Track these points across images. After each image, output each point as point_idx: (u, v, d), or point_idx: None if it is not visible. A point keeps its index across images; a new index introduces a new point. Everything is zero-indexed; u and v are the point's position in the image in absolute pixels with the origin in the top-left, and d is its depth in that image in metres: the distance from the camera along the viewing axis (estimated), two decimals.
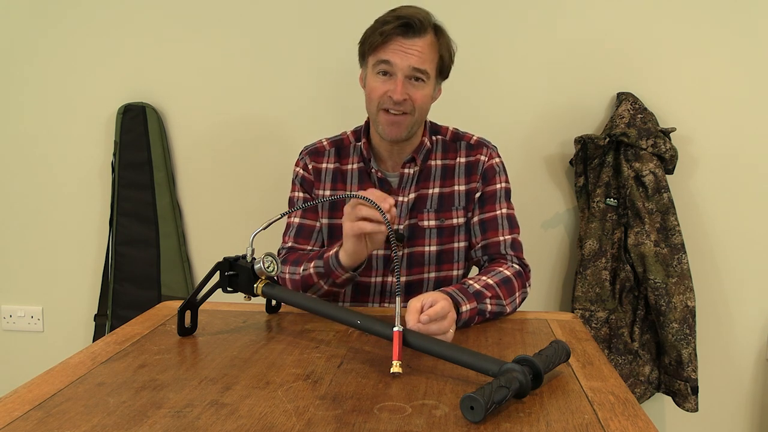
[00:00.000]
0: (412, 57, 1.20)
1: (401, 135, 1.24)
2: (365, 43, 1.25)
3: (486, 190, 1.32)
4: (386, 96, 1.21)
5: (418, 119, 1.25)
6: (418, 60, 1.20)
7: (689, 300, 1.72)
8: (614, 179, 1.78)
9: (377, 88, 1.23)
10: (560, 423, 0.73)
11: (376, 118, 1.25)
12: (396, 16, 1.21)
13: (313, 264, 1.21)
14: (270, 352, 0.98)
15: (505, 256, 1.28)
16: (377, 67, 1.22)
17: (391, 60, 1.20)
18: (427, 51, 1.21)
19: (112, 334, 1.07)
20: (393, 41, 1.20)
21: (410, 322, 0.97)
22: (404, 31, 1.20)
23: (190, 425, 0.72)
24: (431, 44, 1.22)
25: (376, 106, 1.24)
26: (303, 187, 1.36)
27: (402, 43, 1.20)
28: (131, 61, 1.95)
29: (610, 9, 1.79)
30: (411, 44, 1.20)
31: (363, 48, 1.26)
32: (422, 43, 1.21)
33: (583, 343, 1.04)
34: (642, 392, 1.77)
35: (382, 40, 1.20)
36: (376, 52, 1.22)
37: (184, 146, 1.98)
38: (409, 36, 1.20)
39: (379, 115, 1.24)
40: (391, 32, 1.19)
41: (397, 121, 1.22)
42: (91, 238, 2.03)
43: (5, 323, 2.10)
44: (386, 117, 1.23)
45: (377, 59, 1.22)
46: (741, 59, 1.78)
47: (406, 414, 0.75)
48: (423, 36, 1.21)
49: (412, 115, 1.23)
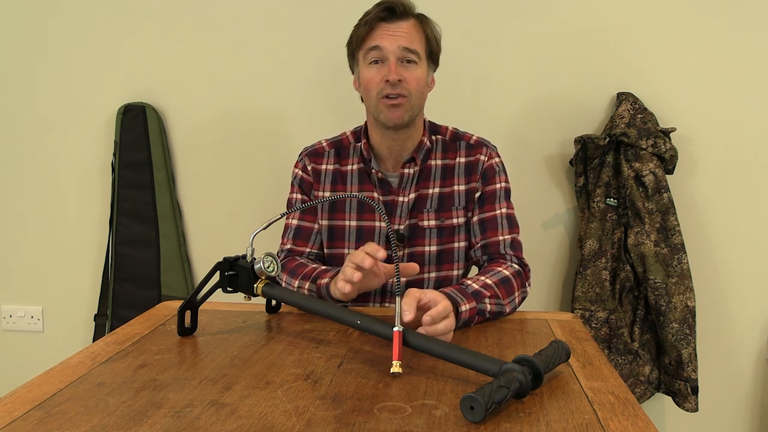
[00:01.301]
0: (400, 38, 1.22)
1: (403, 118, 1.24)
2: (352, 40, 1.27)
3: (486, 189, 1.32)
4: (383, 82, 1.22)
5: (415, 103, 1.25)
6: (407, 40, 1.22)
7: (689, 300, 1.72)
8: (614, 179, 1.78)
9: (372, 78, 1.23)
10: (560, 423, 0.73)
11: (376, 108, 1.25)
12: (377, 4, 1.24)
13: (307, 286, 1.22)
14: (270, 352, 0.98)
15: (505, 256, 1.28)
16: (368, 56, 1.24)
17: (380, 44, 1.22)
18: (413, 32, 1.24)
19: (112, 334, 1.07)
20: (378, 27, 1.23)
21: (408, 314, 0.96)
22: (388, 16, 1.22)
23: (190, 425, 0.72)
24: (416, 26, 1.25)
25: (375, 96, 1.24)
26: (302, 189, 1.36)
27: (387, 27, 1.22)
28: (131, 61, 1.95)
29: (610, 9, 1.79)
30: (396, 27, 1.22)
31: (351, 46, 1.29)
32: (407, 25, 1.23)
33: (583, 343, 1.04)
34: (642, 392, 1.77)
35: (368, 28, 1.23)
36: (364, 43, 1.24)
37: (184, 146, 1.98)
38: (393, 20, 1.23)
39: (379, 103, 1.24)
40: (374, 18, 1.22)
41: (397, 103, 1.22)
42: (91, 238, 2.03)
43: (5, 323, 2.10)
44: (386, 102, 1.23)
45: (366, 48, 1.24)
46: (741, 59, 1.78)
47: (406, 414, 0.75)
48: (407, 19, 1.24)
49: (409, 98, 1.23)
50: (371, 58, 1.23)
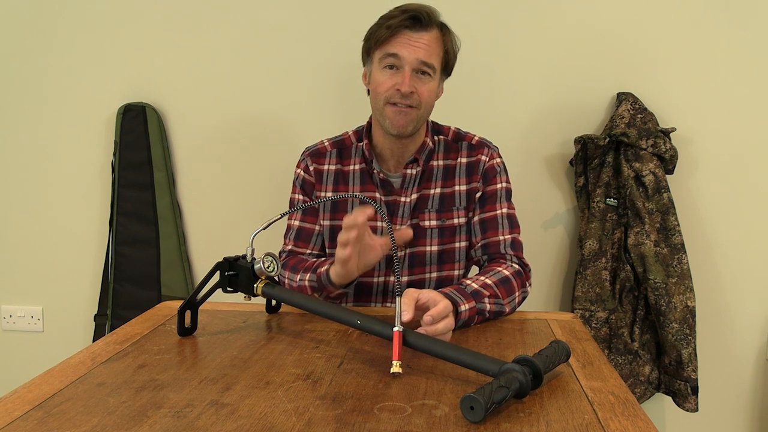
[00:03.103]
0: (419, 50, 1.20)
1: (407, 128, 1.24)
2: (371, 38, 1.25)
3: (486, 189, 1.32)
4: (393, 89, 1.21)
5: (423, 114, 1.25)
6: (426, 53, 1.20)
7: (689, 300, 1.72)
8: (614, 179, 1.78)
9: (384, 82, 1.22)
10: (560, 423, 0.73)
11: (382, 112, 1.24)
12: (403, 10, 1.22)
13: (308, 277, 1.22)
14: (270, 352, 0.98)
15: (505, 256, 1.28)
16: (384, 60, 1.22)
17: (399, 53, 1.20)
18: (434, 45, 1.22)
19: (112, 334, 1.07)
20: (400, 34, 1.21)
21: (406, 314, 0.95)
22: (412, 24, 1.20)
23: (190, 425, 0.72)
24: (437, 38, 1.23)
25: (383, 100, 1.23)
26: (303, 189, 1.36)
27: (410, 37, 1.20)
28: (131, 61, 1.95)
29: (611, 9, 1.79)
30: (418, 37, 1.20)
31: (369, 43, 1.26)
32: (429, 36, 1.21)
33: (583, 343, 1.04)
34: (642, 392, 1.77)
35: (390, 33, 1.20)
36: (382, 46, 1.22)
37: (184, 146, 1.98)
38: (416, 29, 1.21)
39: (386, 109, 1.23)
40: (398, 25, 1.20)
41: (404, 112, 1.22)
42: (91, 238, 2.03)
43: (5, 323, 2.10)
44: (393, 109, 1.22)
45: (384, 53, 1.22)
46: (741, 59, 1.78)
47: (406, 414, 0.75)
48: (430, 30, 1.22)
49: (418, 110, 1.23)
50: (387, 63, 1.22)
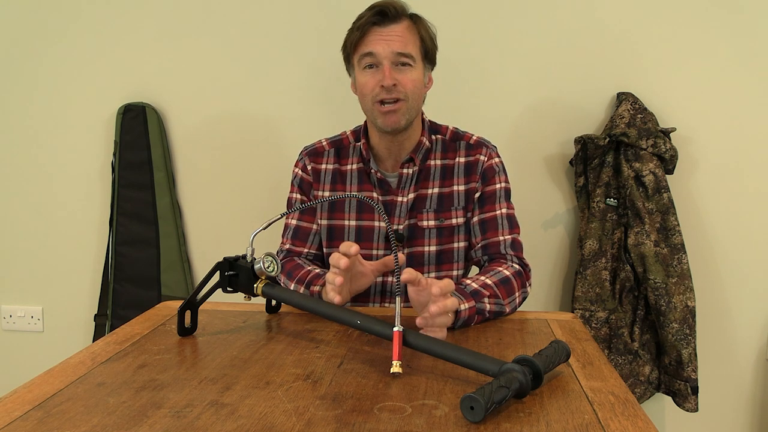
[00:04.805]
0: (393, 42, 1.21)
1: (400, 123, 1.24)
2: (346, 44, 1.27)
3: (485, 190, 1.32)
4: (378, 87, 1.22)
5: (412, 105, 1.25)
6: (400, 44, 1.21)
7: (689, 300, 1.72)
8: (614, 179, 1.78)
9: (367, 83, 1.24)
10: (560, 423, 0.73)
11: (372, 113, 1.25)
12: (369, 8, 1.24)
13: (302, 291, 1.23)
14: (270, 352, 0.98)
15: (505, 256, 1.28)
16: (363, 61, 1.24)
17: (373, 50, 1.22)
18: (407, 35, 1.23)
19: (112, 334, 1.07)
20: (371, 32, 1.22)
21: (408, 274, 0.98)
22: (380, 20, 1.22)
23: (190, 425, 0.72)
24: (409, 27, 1.24)
25: (370, 100, 1.24)
26: (301, 188, 1.37)
27: (380, 32, 1.22)
28: (131, 61, 1.95)
29: (611, 9, 1.79)
30: (389, 31, 1.22)
31: (346, 51, 1.28)
32: (400, 28, 1.23)
33: (583, 343, 1.04)
34: (642, 392, 1.77)
35: (361, 34, 1.22)
36: (357, 48, 1.24)
37: (184, 146, 1.98)
38: (386, 24, 1.22)
39: (375, 108, 1.24)
40: (366, 23, 1.22)
41: (393, 109, 1.22)
42: (91, 238, 2.03)
43: (5, 323, 2.10)
44: (381, 108, 1.23)
45: (360, 54, 1.24)
46: (741, 59, 1.78)
47: (406, 414, 0.75)
48: (399, 22, 1.23)
49: (406, 101, 1.23)
50: (365, 63, 1.24)
